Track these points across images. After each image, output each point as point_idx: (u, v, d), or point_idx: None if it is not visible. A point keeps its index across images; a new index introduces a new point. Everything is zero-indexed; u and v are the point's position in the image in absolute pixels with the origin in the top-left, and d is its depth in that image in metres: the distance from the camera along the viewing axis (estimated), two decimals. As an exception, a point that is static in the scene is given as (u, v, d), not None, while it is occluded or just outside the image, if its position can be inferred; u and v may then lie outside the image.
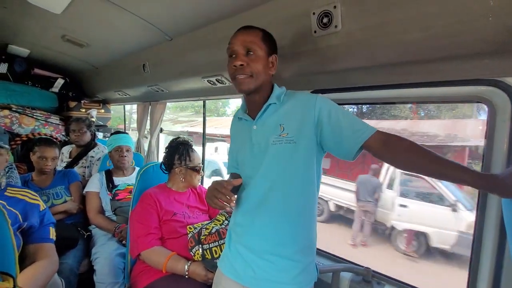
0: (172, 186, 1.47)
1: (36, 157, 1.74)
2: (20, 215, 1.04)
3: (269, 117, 0.88)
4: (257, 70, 0.85)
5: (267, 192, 0.86)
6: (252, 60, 0.85)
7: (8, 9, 1.79)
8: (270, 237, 0.86)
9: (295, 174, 0.84)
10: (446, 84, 0.93)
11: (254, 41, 0.86)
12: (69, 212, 1.77)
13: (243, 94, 0.93)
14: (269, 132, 0.86)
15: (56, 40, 2.18)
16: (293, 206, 0.85)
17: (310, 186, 0.87)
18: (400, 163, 0.78)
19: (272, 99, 0.88)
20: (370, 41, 0.94)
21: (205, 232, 1.24)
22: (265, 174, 0.86)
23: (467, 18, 0.74)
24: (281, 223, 0.85)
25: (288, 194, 0.85)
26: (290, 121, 0.84)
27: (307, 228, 0.88)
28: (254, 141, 0.89)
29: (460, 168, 0.66)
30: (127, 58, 2.25)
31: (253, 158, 0.89)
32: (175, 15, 1.48)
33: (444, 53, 0.84)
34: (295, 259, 0.85)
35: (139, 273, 1.29)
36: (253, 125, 0.90)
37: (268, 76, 0.90)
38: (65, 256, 1.51)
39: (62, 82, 3.16)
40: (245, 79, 0.86)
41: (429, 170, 0.72)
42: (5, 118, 2.61)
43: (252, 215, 0.89)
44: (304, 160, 0.84)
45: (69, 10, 1.63)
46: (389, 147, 0.76)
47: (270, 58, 0.89)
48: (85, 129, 2.32)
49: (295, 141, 0.82)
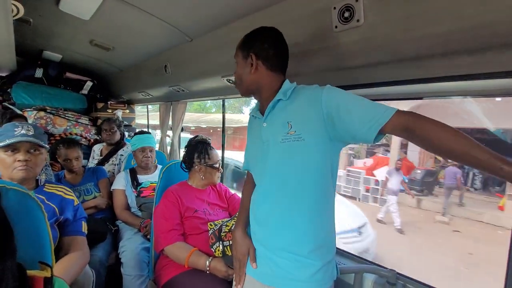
0: (192, 183, 1.51)
1: (61, 159, 1.86)
2: (57, 209, 1.12)
3: (277, 115, 0.88)
4: (237, 75, 0.95)
5: (278, 190, 0.86)
6: (236, 70, 0.95)
7: (43, 17, 1.92)
8: (285, 235, 0.85)
9: (305, 172, 0.82)
10: (479, 77, 0.87)
11: (236, 52, 0.94)
12: (99, 207, 1.88)
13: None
14: (277, 130, 0.85)
15: (85, 44, 2.31)
16: (305, 204, 0.83)
17: (324, 183, 0.84)
18: (429, 150, 0.70)
19: (279, 95, 0.87)
20: (395, 34, 0.90)
21: (225, 229, 1.26)
22: (275, 173, 0.86)
23: (504, 6, 0.68)
24: (294, 221, 0.84)
25: (299, 193, 0.83)
26: (297, 118, 0.83)
27: (323, 226, 0.86)
28: (264, 138, 0.90)
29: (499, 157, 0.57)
30: (149, 60, 2.33)
31: (263, 156, 0.89)
32: (195, 16, 1.51)
33: (478, 44, 0.78)
34: (311, 257, 0.84)
35: (162, 267, 1.34)
36: (263, 122, 0.91)
37: (253, 76, 0.90)
38: (95, 248, 1.60)
39: (91, 84, 3.35)
40: (236, 86, 0.98)
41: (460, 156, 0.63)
42: (41, 119, 2.80)
43: (265, 213, 0.89)
44: (314, 157, 0.81)
45: (96, 16, 1.71)
46: (410, 133, 0.68)
47: (248, 59, 0.89)
48: (116, 128, 2.47)
49: (303, 138, 0.80)
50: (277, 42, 0.90)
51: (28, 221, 0.79)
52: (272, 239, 0.88)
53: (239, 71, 0.94)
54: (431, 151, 0.71)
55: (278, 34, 0.90)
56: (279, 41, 0.90)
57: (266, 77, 0.90)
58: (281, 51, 0.91)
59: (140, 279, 1.56)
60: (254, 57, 0.88)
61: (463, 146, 0.62)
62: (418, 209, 7.08)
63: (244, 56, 0.91)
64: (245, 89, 0.95)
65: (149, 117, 4.05)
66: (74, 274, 1.00)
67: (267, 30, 0.90)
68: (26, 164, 1.07)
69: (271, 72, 0.90)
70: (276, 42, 0.89)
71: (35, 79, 3.04)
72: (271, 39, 0.89)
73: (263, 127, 0.90)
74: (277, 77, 0.91)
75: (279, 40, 0.90)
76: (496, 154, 0.58)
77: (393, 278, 1.06)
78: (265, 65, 0.89)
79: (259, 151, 0.92)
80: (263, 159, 0.89)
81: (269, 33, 0.90)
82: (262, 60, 0.88)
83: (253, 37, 0.91)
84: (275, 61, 0.90)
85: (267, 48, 0.88)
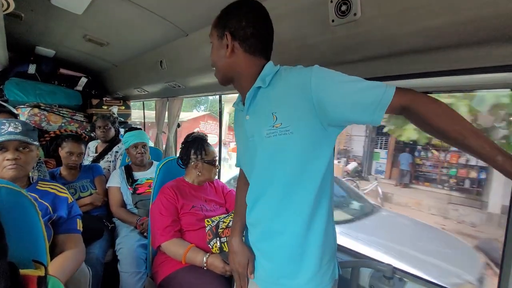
0: (189, 180, 1.50)
1: (64, 152, 1.84)
2: (51, 207, 1.10)
3: (260, 105, 0.76)
4: (212, 60, 0.82)
5: (268, 190, 0.78)
6: (211, 53, 0.81)
7: (34, 12, 1.88)
8: (278, 238, 0.79)
9: (297, 168, 0.73)
10: (475, 72, 0.87)
11: (211, 31, 0.81)
12: (95, 204, 1.86)
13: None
14: (262, 123, 0.74)
15: (79, 40, 2.27)
16: (299, 203, 0.75)
17: (319, 177, 0.74)
18: (426, 130, 0.66)
19: (258, 82, 0.75)
20: (392, 28, 0.89)
21: (222, 226, 1.26)
22: (264, 171, 0.78)
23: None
24: (288, 223, 0.77)
25: (291, 191, 0.75)
26: (283, 108, 0.71)
27: (320, 225, 0.77)
28: (249, 133, 0.80)
29: (495, 147, 0.55)
30: (144, 55, 2.30)
31: (251, 153, 0.80)
32: (190, 10, 1.48)
33: (474, 38, 0.78)
34: (308, 259, 0.77)
35: (160, 264, 1.34)
36: (246, 115, 0.80)
37: (229, 60, 0.77)
38: (92, 246, 1.59)
39: (85, 80, 3.30)
40: (215, 73, 0.84)
41: (458, 143, 0.59)
42: (34, 116, 2.76)
43: (258, 214, 0.83)
44: (306, 151, 0.71)
45: (89, 11, 1.68)
46: (411, 110, 0.63)
47: (224, 39, 0.76)
48: (110, 125, 2.44)
49: (292, 131, 0.70)
50: (258, 19, 0.75)
51: (21, 220, 0.78)
52: (266, 242, 0.82)
53: (213, 54, 0.80)
54: (428, 130, 0.66)
55: (260, 9, 0.77)
56: (260, 18, 0.76)
57: (244, 62, 0.76)
58: (263, 30, 0.76)
59: (137, 276, 1.55)
60: (230, 37, 0.75)
61: (460, 130, 0.58)
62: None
63: (219, 36, 0.77)
64: (222, 75, 0.82)
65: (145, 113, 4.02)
66: (70, 272, 0.99)
67: (246, 4, 0.76)
68: (15, 162, 1.05)
69: (250, 56, 0.76)
70: (257, 19, 0.75)
71: (28, 76, 2.99)
72: (250, 15, 0.74)
73: (245, 120, 0.80)
74: (258, 62, 0.78)
75: (261, 16, 0.76)
76: (493, 143, 0.56)
77: (389, 272, 1.06)
78: (242, 47, 0.75)
79: (246, 148, 0.84)
80: (251, 156, 0.80)
81: (249, 8, 0.75)
82: (239, 40, 0.75)
83: (229, 12, 0.77)
84: (255, 42, 0.75)
85: (245, 27, 0.74)
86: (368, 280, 1.12)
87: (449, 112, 0.60)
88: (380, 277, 1.09)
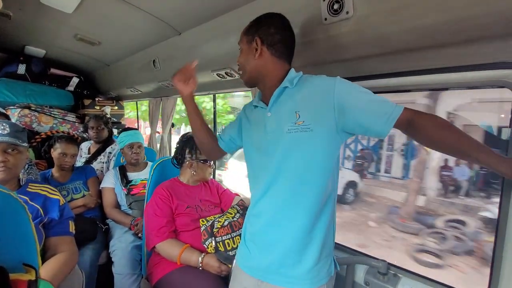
0: (184, 180, 1.49)
1: (56, 153, 1.80)
2: (41, 210, 1.08)
3: (284, 104, 0.84)
4: (240, 62, 0.92)
5: (279, 183, 0.83)
6: (239, 57, 0.92)
7: (23, 11, 1.84)
8: (280, 230, 0.83)
9: (310, 164, 0.80)
10: (465, 69, 0.88)
11: (240, 38, 0.92)
12: (88, 206, 1.83)
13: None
14: (284, 120, 0.82)
15: (69, 39, 2.23)
16: (305, 198, 0.81)
17: (327, 176, 0.82)
18: (426, 142, 0.76)
19: (285, 82, 0.84)
20: (384, 26, 0.89)
21: (217, 225, 1.26)
22: (279, 164, 0.82)
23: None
24: (292, 215, 0.82)
25: (301, 186, 0.81)
26: (306, 108, 0.80)
27: (321, 221, 0.84)
28: (269, 128, 0.86)
29: (487, 151, 0.65)
30: (137, 55, 2.27)
31: (268, 147, 0.86)
32: (183, 9, 1.47)
33: (465, 36, 0.79)
34: (306, 253, 0.82)
35: (155, 265, 1.33)
36: (267, 112, 0.87)
37: (257, 62, 0.87)
38: (85, 248, 1.57)
39: (77, 80, 3.25)
40: (240, 76, 0.94)
41: (456, 152, 0.71)
42: (25, 117, 2.71)
43: (264, 206, 0.87)
44: (322, 149, 0.80)
45: (79, 9, 1.65)
46: (413, 125, 0.74)
47: (253, 44, 0.86)
48: (103, 126, 2.40)
49: (312, 129, 0.78)
50: (283, 28, 0.87)
51: (11, 223, 0.76)
52: (267, 234, 0.86)
53: (242, 57, 0.91)
54: (427, 143, 0.77)
55: (285, 21, 0.88)
56: (286, 27, 0.87)
57: (270, 64, 0.87)
58: (288, 38, 0.88)
59: (132, 277, 1.54)
60: (259, 41, 0.85)
61: (458, 142, 0.69)
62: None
63: (248, 41, 0.88)
64: (248, 76, 0.91)
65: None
66: (62, 276, 0.97)
67: (274, 15, 0.88)
68: (4, 165, 1.03)
69: (276, 59, 0.87)
70: (283, 28, 0.87)
71: (18, 76, 2.92)
72: (277, 24, 0.86)
73: (267, 117, 0.87)
74: (282, 65, 0.88)
75: (286, 26, 0.88)
76: (486, 148, 0.65)
77: (384, 268, 1.07)
78: (269, 51, 0.86)
79: (262, 142, 0.88)
80: (267, 150, 0.86)
81: (276, 19, 0.87)
82: (267, 45, 0.85)
83: (259, 21, 0.88)
84: (281, 48, 0.86)
85: (273, 33, 0.85)
86: (363, 276, 1.13)
87: (444, 122, 0.72)
88: (375, 273, 1.10)
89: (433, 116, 0.74)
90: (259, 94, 0.96)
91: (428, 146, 0.77)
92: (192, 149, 1.47)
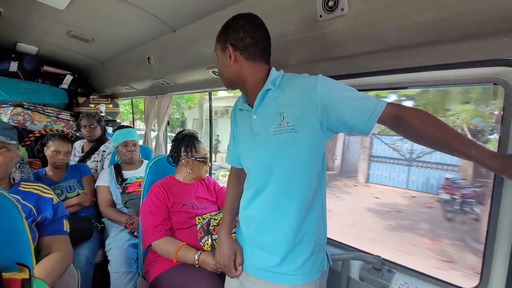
0: (180, 177, 1.49)
1: (50, 151, 1.78)
2: (34, 209, 1.07)
3: (268, 106, 0.84)
4: (218, 69, 0.92)
5: (269, 184, 0.84)
6: (217, 63, 0.91)
7: (14, 7, 1.80)
8: (272, 230, 0.85)
9: (298, 165, 0.81)
10: (460, 66, 0.89)
11: (215, 45, 0.90)
12: (82, 204, 1.82)
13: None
14: (269, 122, 0.82)
15: (62, 36, 2.19)
16: (295, 197, 0.82)
17: (315, 174, 0.84)
18: (412, 136, 0.75)
19: (267, 85, 0.83)
20: (379, 24, 0.89)
21: (213, 223, 1.26)
22: (267, 166, 0.84)
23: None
24: (283, 215, 0.83)
25: (290, 186, 0.82)
26: (290, 109, 0.80)
27: (312, 218, 0.86)
28: (255, 131, 0.86)
29: (476, 147, 0.65)
30: (132, 52, 2.24)
31: (255, 149, 0.87)
32: (177, 5, 1.45)
33: (459, 33, 0.80)
34: (297, 249, 0.84)
35: (151, 263, 1.33)
36: (253, 114, 0.87)
37: (234, 68, 0.85)
38: (81, 247, 1.56)
39: (71, 78, 3.20)
40: (221, 80, 0.93)
41: (443, 146, 0.70)
42: (18, 116, 2.67)
43: (255, 207, 0.88)
44: (308, 148, 0.80)
45: (72, 6, 1.62)
46: (400, 121, 0.74)
47: (226, 51, 0.85)
48: (96, 124, 2.38)
49: (296, 130, 0.78)
50: (254, 29, 0.84)
51: (3, 222, 0.75)
52: (259, 235, 0.88)
53: (219, 64, 0.90)
54: (414, 139, 0.75)
55: (254, 20, 0.85)
56: (256, 28, 0.84)
57: (247, 68, 0.85)
58: (259, 38, 0.84)
59: (128, 276, 1.53)
60: (231, 48, 0.84)
61: (446, 136, 0.68)
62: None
63: (222, 48, 0.87)
64: (228, 81, 0.91)
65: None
66: (56, 275, 0.97)
67: (242, 17, 0.85)
68: None
69: (251, 62, 0.85)
70: (253, 29, 0.83)
71: (10, 74, 2.87)
72: (247, 27, 0.83)
73: (253, 119, 0.87)
74: (259, 67, 0.86)
75: (256, 26, 0.84)
76: (476, 144, 0.65)
77: (378, 263, 1.09)
78: (243, 56, 0.84)
79: (249, 145, 0.90)
80: (255, 153, 0.87)
81: (245, 21, 0.84)
82: (240, 50, 0.84)
83: (228, 27, 0.86)
84: (254, 50, 0.84)
85: (243, 38, 0.83)
86: (358, 272, 1.14)
87: (431, 117, 0.71)
88: (370, 269, 1.12)
89: (420, 111, 0.73)
90: (243, 96, 0.95)
91: (416, 141, 0.76)
92: (187, 147, 1.46)
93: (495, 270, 0.87)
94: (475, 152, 0.64)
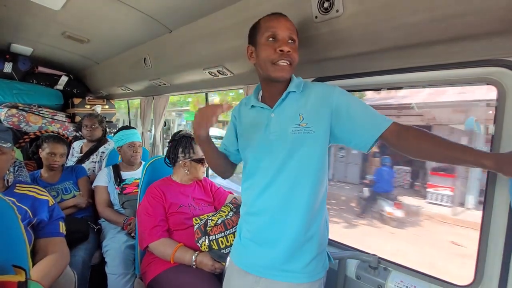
0: (177, 179, 1.49)
1: (45, 153, 1.77)
2: (30, 211, 1.06)
3: (288, 106, 0.88)
4: (295, 60, 0.87)
5: (279, 180, 0.86)
6: (293, 49, 0.85)
7: (8, 7, 1.79)
8: (279, 226, 0.86)
9: (309, 163, 0.84)
10: (453, 66, 0.90)
11: (294, 31, 0.88)
12: (78, 206, 1.81)
13: (275, 81, 0.88)
14: (288, 121, 0.86)
15: (57, 37, 2.18)
16: (303, 195, 0.84)
17: (321, 174, 0.87)
18: (411, 152, 0.79)
19: (291, 87, 0.88)
20: (374, 24, 0.90)
21: (211, 224, 1.26)
22: (281, 163, 0.85)
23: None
24: (290, 212, 0.85)
25: (299, 184, 0.84)
26: (310, 111, 0.85)
27: (316, 217, 0.88)
28: (272, 129, 0.89)
29: (471, 152, 0.67)
30: (128, 53, 2.23)
31: (269, 146, 0.89)
32: (174, 6, 1.45)
33: (452, 34, 0.81)
34: (304, 248, 0.85)
35: (148, 264, 1.32)
36: (271, 113, 0.90)
37: None
38: (77, 249, 1.55)
39: (66, 79, 3.17)
40: (287, 67, 0.85)
41: (440, 157, 0.73)
42: (12, 117, 2.64)
43: (264, 203, 0.89)
44: (321, 150, 0.85)
45: (67, 6, 1.61)
46: (401, 137, 0.78)
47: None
48: (97, 124, 2.37)
49: (314, 131, 0.84)
50: None
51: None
52: (268, 231, 0.88)
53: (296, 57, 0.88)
54: (415, 155, 0.79)
55: None
56: None
57: None
58: None
59: (125, 277, 1.53)
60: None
61: (447, 150, 0.71)
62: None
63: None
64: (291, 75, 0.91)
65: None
66: (53, 277, 0.96)
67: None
68: None
69: None
70: None
71: (4, 74, 2.84)
72: None
73: (271, 117, 0.90)
74: None
75: None
76: (469, 148, 0.67)
77: (374, 262, 1.10)
78: None
79: (262, 141, 0.91)
80: (268, 149, 0.89)
81: None
82: None
83: None
84: None
85: None
86: (355, 270, 1.15)
87: (422, 132, 0.76)
88: (366, 268, 1.12)
89: (411, 127, 0.78)
90: (255, 94, 0.97)
91: (416, 157, 0.79)
92: (185, 148, 1.46)
93: (488, 267, 0.88)
94: (473, 158, 0.66)
